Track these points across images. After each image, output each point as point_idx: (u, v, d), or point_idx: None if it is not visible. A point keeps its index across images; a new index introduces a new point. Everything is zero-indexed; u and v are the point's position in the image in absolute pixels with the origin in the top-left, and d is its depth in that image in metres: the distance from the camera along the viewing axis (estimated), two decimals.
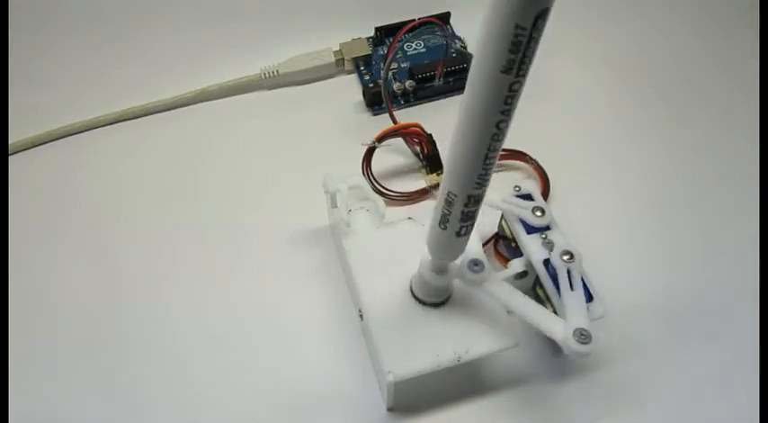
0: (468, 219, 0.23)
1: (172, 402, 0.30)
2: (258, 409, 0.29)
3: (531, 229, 0.29)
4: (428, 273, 0.26)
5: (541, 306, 0.27)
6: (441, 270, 0.26)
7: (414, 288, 0.28)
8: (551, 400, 0.29)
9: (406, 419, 0.29)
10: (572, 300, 0.27)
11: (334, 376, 0.30)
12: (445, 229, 0.23)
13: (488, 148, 0.20)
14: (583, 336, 0.25)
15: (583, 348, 0.25)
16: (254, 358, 0.31)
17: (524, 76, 0.17)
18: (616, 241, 0.34)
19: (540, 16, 0.16)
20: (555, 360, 0.30)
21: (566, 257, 0.28)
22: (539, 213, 0.29)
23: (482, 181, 0.21)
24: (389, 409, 0.29)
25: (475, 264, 0.27)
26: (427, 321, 0.28)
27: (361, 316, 0.29)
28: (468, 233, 0.23)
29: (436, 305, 0.28)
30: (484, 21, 0.17)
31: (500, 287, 0.27)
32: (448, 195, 0.22)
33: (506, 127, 0.19)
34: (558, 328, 0.26)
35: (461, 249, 0.25)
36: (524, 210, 0.29)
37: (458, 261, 0.26)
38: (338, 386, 0.30)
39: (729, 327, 0.32)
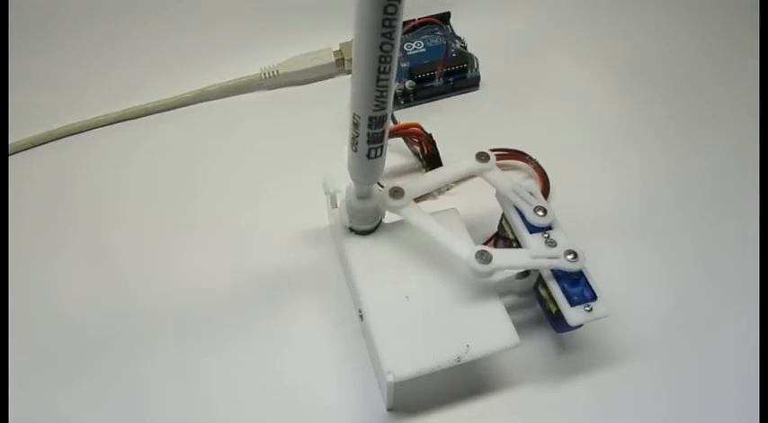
0: (375, 141, 0.24)
1: (172, 402, 0.29)
2: (258, 410, 0.29)
3: (533, 229, 0.29)
4: (353, 198, 0.28)
5: (450, 231, 0.28)
6: (364, 196, 0.28)
7: (343, 219, 0.30)
8: (551, 401, 0.29)
9: (406, 419, 0.29)
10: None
11: (335, 376, 0.30)
12: (356, 151, 0.25)
13: (378, 70, 0.22)
14: (483, 257, 0.27)
15: (482, 267, 0.27)
16: (253, 358, 0.31)
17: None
18: (616, 241, 0.34)
19: None
20: (555, 360, 0.30)
21: (569, 257, 0.28)
22: (540, 213, 0.29)
23: (380, 103, 0.23)
24: (389, 410, 0.29)
25: (395, 190, 0.29)
26: (427, 321, 0.28)
27: (361, 316, 0.29)
28: (377, 156, 0.25)
29: (366, 232, 0.30)
30: None
31: (417, 213, 0.29)
32: (354, 117, 0.24)
33: (391, 50, 0.21)
34: (465, 250, 0.27)
35: (376, 173, 0.27)
36: (528, 205, 0.29)
37: (380, 188, 0.29)
38: (338, 386, 0.30)
39: (730, 327, 0.32)
